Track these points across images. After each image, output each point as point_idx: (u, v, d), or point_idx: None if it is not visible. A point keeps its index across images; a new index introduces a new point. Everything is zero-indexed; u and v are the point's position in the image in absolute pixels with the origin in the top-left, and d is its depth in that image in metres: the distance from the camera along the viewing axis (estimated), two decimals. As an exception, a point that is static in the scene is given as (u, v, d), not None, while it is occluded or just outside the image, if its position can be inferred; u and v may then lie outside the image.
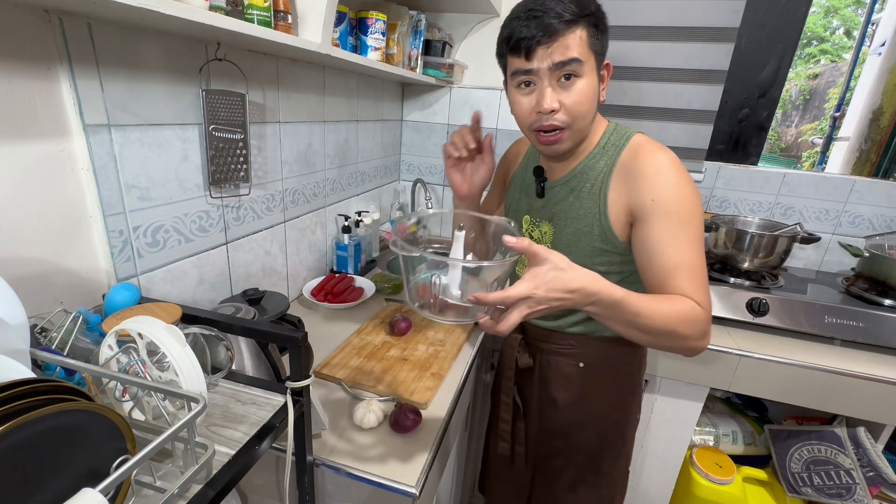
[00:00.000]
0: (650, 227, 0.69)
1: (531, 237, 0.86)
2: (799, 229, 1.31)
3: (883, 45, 1.85)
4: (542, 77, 0.68)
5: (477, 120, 0.79)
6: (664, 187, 0.68)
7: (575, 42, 0.66)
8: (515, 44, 0.68)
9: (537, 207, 0.85)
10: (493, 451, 1.05)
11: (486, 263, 0.58)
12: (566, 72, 0.67)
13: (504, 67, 0.75)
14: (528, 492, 1.01)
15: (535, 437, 0.96)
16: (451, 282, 0.56)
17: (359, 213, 1.46)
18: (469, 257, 0.65)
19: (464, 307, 0.57)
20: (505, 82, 0.76)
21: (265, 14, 0.76)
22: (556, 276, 0.53)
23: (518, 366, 0.93)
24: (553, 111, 0.69)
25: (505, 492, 1.06)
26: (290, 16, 0.81)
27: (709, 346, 1.15)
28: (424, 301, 0.59)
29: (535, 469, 0.98)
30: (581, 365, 0.88)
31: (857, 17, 5.52)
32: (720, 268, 1.40)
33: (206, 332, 0.60)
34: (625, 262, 0.77)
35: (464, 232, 0.63)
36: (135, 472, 0.41)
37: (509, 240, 0.52)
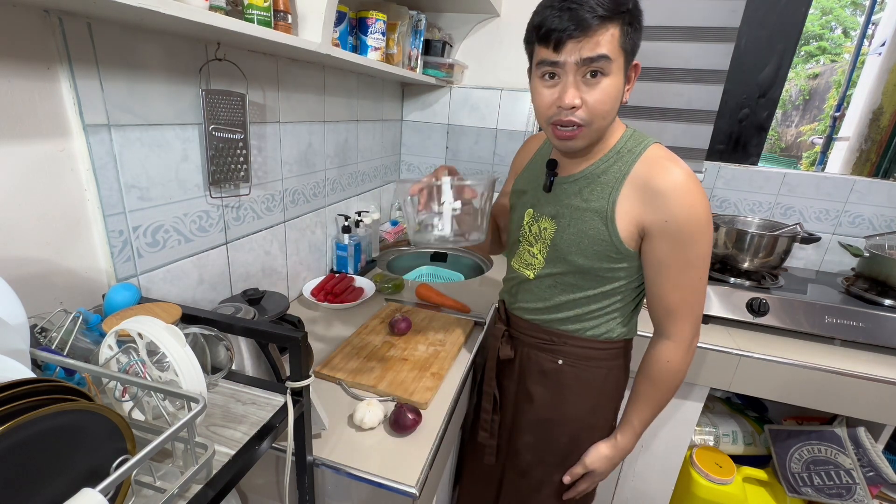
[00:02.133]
0: (659, 247, 0.72)
1: (528, 231, 0.85)
2: (799, 229, 1.30)
3: (883, 45, 1.85)
4: (568, 71, 0.66)
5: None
6: (679, 209, 0.69)
7: (606, 39, 0.64)
8: (545, 34, 0.66)
9: (542, 202, 0.84)
10: (468, 443, 1.08)
11: (468, 182, 0.71)
12: (593, 68, 0.65)
13: (530, 55, 0.72)
14: (497, 485, 1.01)
15: (508, 430, 0.97)
16: (444, 221, 0.71)
17: (359, 213, 1.46)
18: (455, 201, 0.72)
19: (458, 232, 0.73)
20: (529, 70, 0.74)
21: (265, 14, 0.76)
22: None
23: (500, 357, 0.94)
24: (574, 107, 0.67)
25: (474, 484, 1.08)
26: (290, 16, 0.81)
27: (709, 347, 1.17)
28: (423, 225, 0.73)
29: (506, 463, 0.99)
30: (560, 362, 0.87)
31: (852, 17, 5.52)
32: (720, 268, 1.40)
33: (206, 332, 0.60)
34: (632, 268, 0.77)
35: (449, 177, 0.72)
36: (135, 472, 0.41)
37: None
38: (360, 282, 1.32)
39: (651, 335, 0.83)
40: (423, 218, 0.72)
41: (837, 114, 2.66)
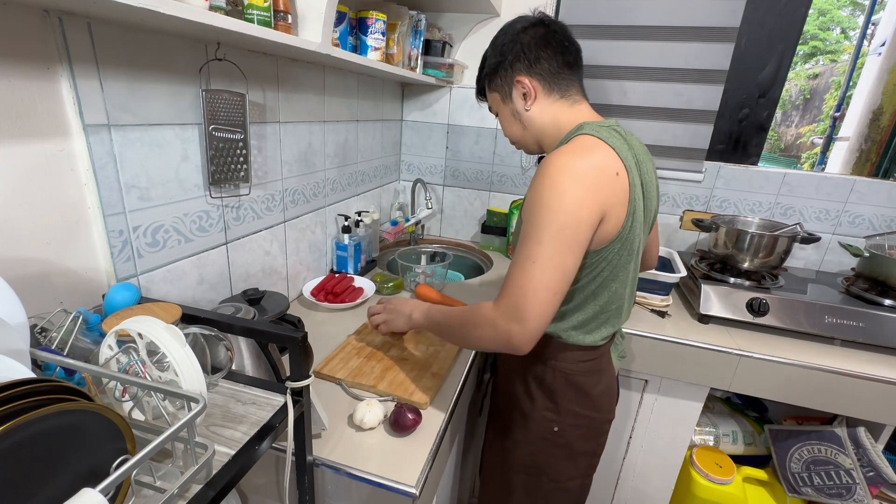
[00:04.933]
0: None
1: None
2: (799, 229, 1.30)
3: (883, 45, 1.85)
4: None
5: None
6: (531, 189, 0.72)
7: (489, 99, 0.90)
8: None
9: None
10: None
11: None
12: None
13: None
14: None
15: (494, 391, 1.06)
16: None
17: (359, 213, 1.46)
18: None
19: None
20: None
21: (265, 14, 0.76)
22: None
23: None
24: None
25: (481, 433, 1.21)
26: (290, 16, 0.82)
27: (709, 346, 1.17)
28: None
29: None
30: None
31: (848, 17, 5.53)
32: (720, 268, 1.40)
33: (206, 332, 0.60)
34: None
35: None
36: (135, 472, 0.41)
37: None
38: (360, 282, 1.32)
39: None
40: None
41: (837, 114, 2.66)
